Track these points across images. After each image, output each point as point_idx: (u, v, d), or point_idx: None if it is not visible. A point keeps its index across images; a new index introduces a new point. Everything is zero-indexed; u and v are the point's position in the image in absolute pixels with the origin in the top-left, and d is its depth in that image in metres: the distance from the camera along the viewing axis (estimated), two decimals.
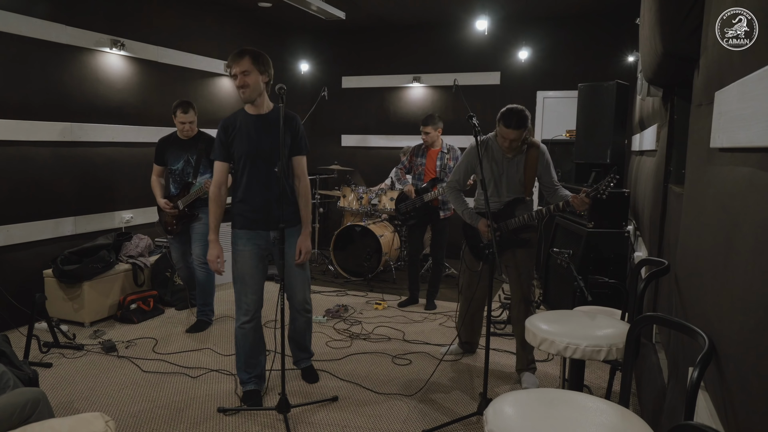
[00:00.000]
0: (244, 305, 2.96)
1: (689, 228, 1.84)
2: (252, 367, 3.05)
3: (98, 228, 4.76)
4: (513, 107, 3.10)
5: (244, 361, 3.04)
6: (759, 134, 1.07)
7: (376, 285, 5.53)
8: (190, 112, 4.09)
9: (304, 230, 3.01)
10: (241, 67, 2.80)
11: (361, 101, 7.44)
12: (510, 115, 3.05)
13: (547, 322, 2.25)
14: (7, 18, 3.94)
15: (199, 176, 4.16)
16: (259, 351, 3.07)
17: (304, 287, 3.10)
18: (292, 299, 3.11)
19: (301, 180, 3.02)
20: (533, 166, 3.20)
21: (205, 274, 4.21)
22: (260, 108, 2.93)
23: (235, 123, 2.93)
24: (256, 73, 2.82)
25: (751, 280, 1.10)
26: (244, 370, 3.05)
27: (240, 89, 2.85)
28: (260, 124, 2.91)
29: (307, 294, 3.14)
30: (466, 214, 3.30)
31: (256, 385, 3.07)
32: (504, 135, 3.10)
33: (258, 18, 6.65)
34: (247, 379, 3.06)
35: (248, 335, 3.00)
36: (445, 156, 4.62)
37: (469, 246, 3.41)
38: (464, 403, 3.07)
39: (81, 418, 1.84)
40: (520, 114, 3.05)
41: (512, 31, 6.57)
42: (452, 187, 3.41)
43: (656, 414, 2.23)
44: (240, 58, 2.81)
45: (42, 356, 3.59)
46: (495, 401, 1.55)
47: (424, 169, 4.70)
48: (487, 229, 3.15)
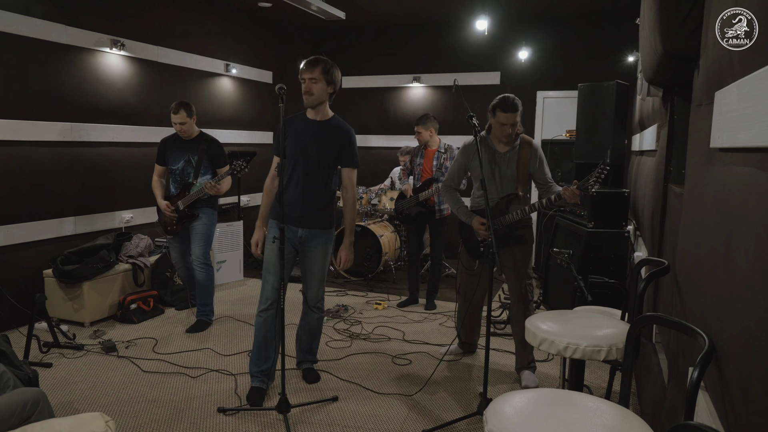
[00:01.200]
0: (265, 292, 3.06)
1: (689, 228, 1.84)
2: (262, 360, 3.07)
3: (98, 228, 4.76)
4: (503, 95, 3.16)
5: (257, 352, 3.08)
6: (759, 134, 1.07)
7: (376, 285, 5.53)
8: (181, 113, 4.04)
9: (346, 238, 3.18)
10: (311, 75, 2.94)
11: (361, 101, 7.44)
12: (505, 100, 3.12)
13: (547, 322, 2.25)
14: (7, 18, 3.94)
15: (199, 177, 4.15)
16: (272, 346, 3.09)
17: (318, 285, 3.21)
18: (306, 294, 3.22)
19: (348, 191, 3.17)
20: (526, 162, 3.21)
21: (205, 274, 4.21)
22: (318, 114, 3.06)
23: (293, 123, 3.08)
24: (323, 83, 2.97)
25: (751, 280, 1.10)
26: (254, 361, 3.09)
27: (305, 94, 2.98)
28: (315, 128, 3.04)
29: (321, 292, 3.24)
30: (460, 211, 3.33)
31: (262, 383, 3.07)
32: (503, 121, 3.12)
33: (258, 18, 6.65)
34: (255, 372, 3.08)
35: (265, 324, 3.05)
36: (442, 156, 4.66)
37: (465, 245, 3.42)
38: (464, 403, 3.07)
39: (81, 418, 1.84)
40: (513, 98, 3.13)
41: (512, 31, 6.56)
42: (447, 186, 3.45)
43: (656, 414, 2.23)
44: (313, 66, 2.95)
45: (42, 356, 3.59)
46: (495, 401, 1.55)
47: (422, 169, 4.76)
48: (481, 226, 3.17)
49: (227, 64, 6.19)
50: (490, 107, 3.18)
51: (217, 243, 5.38)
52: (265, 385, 3.09)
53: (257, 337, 3.08)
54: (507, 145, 3.24)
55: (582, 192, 2.96)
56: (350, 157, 3.11)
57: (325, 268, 3.19)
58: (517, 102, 3.12)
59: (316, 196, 3.03)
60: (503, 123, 3.12)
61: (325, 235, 3.12)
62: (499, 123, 3.14)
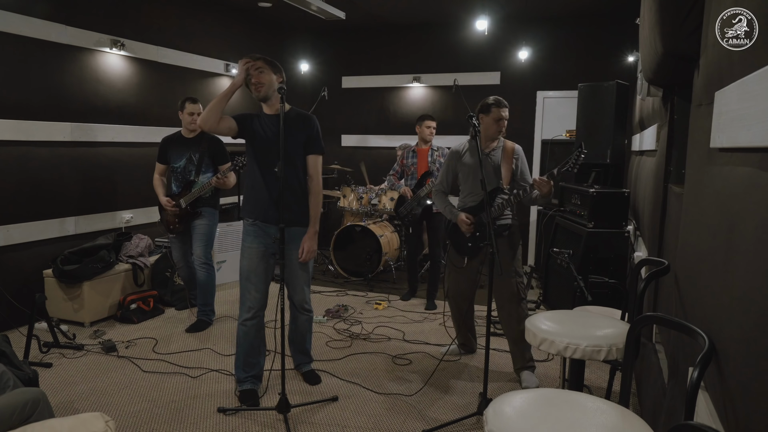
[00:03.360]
0: (248, 302, 3.01)
1: (689, 228, 1.84)
2: (250, 366, 3.06)
3: (98, 228, 4.76)
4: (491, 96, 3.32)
5: (243, 360, 3.05)
6: (759, 134, 1.07)
7: (376, 285, 5.53)
8: (198, 103, 4.17)
9: (310, 228, 3.01)
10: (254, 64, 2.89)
11: (361, 101, 7.44)
12: (498, 98, 3.30)
13: (547, 322, 2.25)
14: (7, 18, 3.94)
15: (201, 174, 4.16)
16: (259, 352, 3.08)
17: (303, 287, 3.13)
18: (292, 298, 3.16)
19: (313, 179, 3.05)
20: (509, 157, 3.32)
21: (206, 274, 4.21)
22: (273, 108, 3.00)
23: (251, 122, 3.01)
24: (270, 72, 2.92)
25: (751, 280, 1.10)
26: (242, 368, 3.07)
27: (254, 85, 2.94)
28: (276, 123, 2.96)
29: (306, 294, 3.17)
30: (447, 210, 3.44)
31: (253, 385, 3.07)
32: (499, 117, 3.26)
33: (258, 18, 6.65)
34: (243, 378, 3.06)
35: (249, 333, 3.01)
36: (435, 153, 4.85)
37: (452, 243, 3.47)
38: (464, 403, 3.07)
39: (81, 418, 1.84)
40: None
41: (512, 31, 6.56)
42: (437, 190, 3.56)
43: (656, 414, 2.23)
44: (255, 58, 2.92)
45: (42, 356, 3.59)
46: (495, 401, 1.55)
47: (417, 168, 4.89)
48: (465, 220, 3.26)
49: (227, 64, 6.19)
50: (481, 107, 3.32)
51: (217, 243, 5.37)
52: (256, 387, 3.09)
53: (242, 346, 3.03)
54: (493, 142, 3.36)
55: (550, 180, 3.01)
56: (315, 143, 3.01)
57: (308, 269, 3.11)
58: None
59: (290, 193, 2.91)
60: (499, 118, 3.26)
61: (304, 233, 3.01)
62: (495, 119, 3.27)
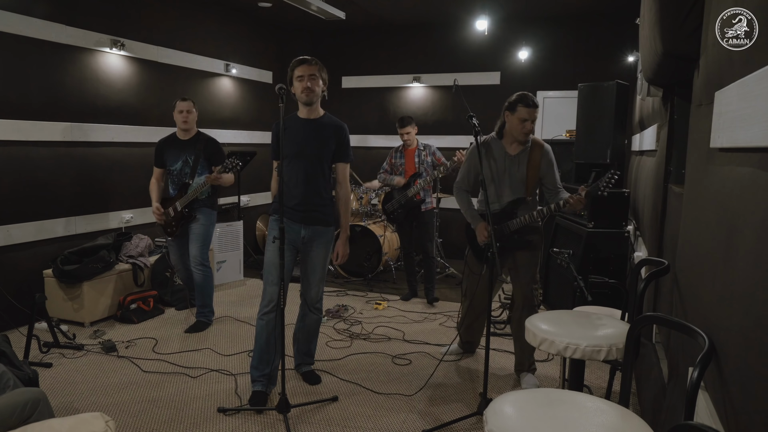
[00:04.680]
0: (267, 294, 3.05)
1: (689, 228, 1.84)
2: (265, 364, 3.05)
3: (98, 228, 4.76)
4: (520, 92, 3.14)
5: (259, 356, 3.05)
6: (759, 134, 1.07)
7: (376, 285, 5.53)
8: (188, 101, 4.17)
9: (342, 234, 3.19)
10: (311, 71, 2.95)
11: (361, 101, 7.44)
12: (526, 96, 3.10)
13: (547, 322, 2.25)
14: (7, 18, 3.94)
15: (196, 176, 4.14)
16: (276, 349, 3.06)
17: (319, 284, 3.21)
18: (305, 295, 3.22)
19: (342, 186, 3.18)
20: (536, 165, 3.17)
21: (202, 275, 4.19)
22: (312, 113, 3.07)
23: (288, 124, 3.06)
24: (320, 79, 3.00)
25: (751, 280, 1.10)
26: (256, 366, 3.06)
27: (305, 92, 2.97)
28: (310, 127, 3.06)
29: (320, 292, 3.23)
30: (468, 214, 3.31)
31: (264, 387, 3.05)
32: (525, 116, 3.08)
33: (258, 18, 6.65)
34: (257, 377, 3.06)
35: (266, 327, 3.02)
36: (422, 153, 4.90)
37: (471, 248, 3.41)
38: (464, 403, 3.07)
39: (81, 418, 1.84)
40: (532, 95, 3.13)
41: (512, 31, 6.56)
42: (458, 188, 3.39)
43: (656, 414, 2.23)
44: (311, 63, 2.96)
45: (42, 356, 3.59)
46: (495, 401, 1.55)
47: (404, 168, 4.97)
48: (484, 231, 3.16)
49: (227, 64, 6.19)
50: (508, 104, 3.14)
51: (216, 243, 5.38)
52: (268, 389, 3.07)
53: (259, 341, 3.05)
54: (520, 145, 3.20)
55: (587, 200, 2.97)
56: (345, 152, 3.13)
57: (325, 268, 3.19)
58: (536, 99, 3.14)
59: (316, 195, 3.05)
60: (525, 118, 3.08)
61: (327, 233, 3.13)
62: (520, 119, 3.09)
